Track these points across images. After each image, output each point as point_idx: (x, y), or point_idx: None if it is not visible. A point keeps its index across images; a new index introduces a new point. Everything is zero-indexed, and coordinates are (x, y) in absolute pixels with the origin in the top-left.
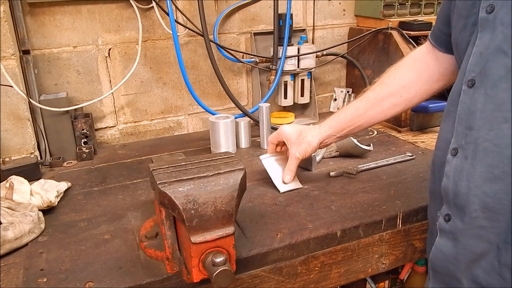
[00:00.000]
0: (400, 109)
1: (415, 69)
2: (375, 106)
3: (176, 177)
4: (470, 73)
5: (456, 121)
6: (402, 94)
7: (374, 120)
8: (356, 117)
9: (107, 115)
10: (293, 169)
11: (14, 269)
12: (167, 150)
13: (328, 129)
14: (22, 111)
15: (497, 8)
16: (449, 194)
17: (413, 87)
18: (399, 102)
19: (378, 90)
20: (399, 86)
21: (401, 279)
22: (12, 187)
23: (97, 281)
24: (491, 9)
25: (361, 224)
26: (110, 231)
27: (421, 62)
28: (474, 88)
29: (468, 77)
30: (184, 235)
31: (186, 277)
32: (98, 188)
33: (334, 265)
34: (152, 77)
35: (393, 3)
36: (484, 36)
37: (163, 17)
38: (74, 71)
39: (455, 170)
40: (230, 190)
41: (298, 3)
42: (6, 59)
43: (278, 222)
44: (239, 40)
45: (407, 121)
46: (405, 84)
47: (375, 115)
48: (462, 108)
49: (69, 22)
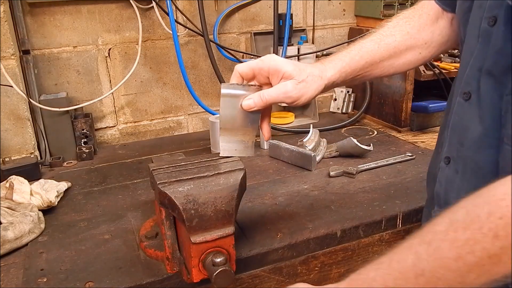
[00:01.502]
0: (410, 67)
1: (437, 26)
2: (393, 57)
3: (176, 177)
4: (466, 85)
5: (450, 131)
6: (421, 51)
7: (384, 73)
8: (370, 65)
9: (107, 115)
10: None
11: (14, 269)
12: (167, 150)
13: (337, 74)
14: (22, 111)
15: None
16: (440, 199)
17: (432, 46)
18: (415, 60)
19: (399, 38)
20: (422, 42)
21: None
22: (12, 187)
23: (97, 281)
24: (493, 21)
25: (361, 224)
26: (110, 231)
27: (441, 20)
28: (469, 103)
29: (464, 88)
30: (184, 235)
31: (186, 277)
32: (98, 188)
33: (334, 265)
34: (152, 77)
35: (393, 3)
36: (484, 49)
37: (163, 17)
38: (74, 71)
39: (447, 180)
40: (230, 190)
41: (298, 3)
42: (6, 59)
43: (278, 222)
44: (239, 40)
45: (407, 121)
46: (427, 41)
47: (387, 68)
48: (455, 120)
49: (69, 22)
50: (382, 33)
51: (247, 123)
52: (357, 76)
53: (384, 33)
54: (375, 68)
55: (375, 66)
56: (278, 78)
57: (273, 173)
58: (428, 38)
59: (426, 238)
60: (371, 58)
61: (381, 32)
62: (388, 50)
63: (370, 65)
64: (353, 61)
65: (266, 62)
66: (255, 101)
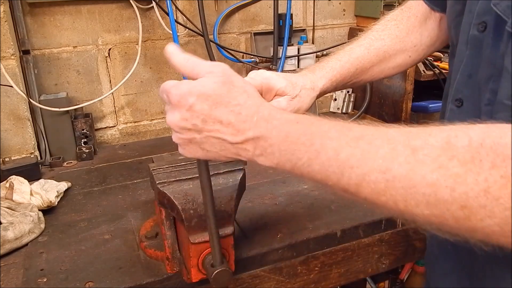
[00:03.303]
0: (400, 70)
1: (425, 27)
2: (383, 62)
3: (175, 177)
4: (457, 92)
5: None
6: (411, 54)
7: (374, 78)
8: (360, 71)
9: (107, 115)
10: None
11: (14, 269)
12: (167, 150)
13: (328, 83)
14: (22, 111)
15: (488, 29)
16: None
17: (421, 49)
18: (405, 63)
19: (389, 42)
20: (411, 45)
21: (401, 279)
22: (12, 187)
23: (97, 281)
24: (483, 28)
25: (361, 224)
26: (110, 231)
27: (429, 21)
28: (461, 110)
29: (455, 95)
30: (183, 235)
31: (186, 277)
32: (98, 188)
33: (334, 265)
34: (152, 77)
35: (393, 3)
36: (472, 56)
37: (163, 17)
38: (74, 71)
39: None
40: (230, 190)
41: (298, 3)
42: (6, 59)
43: (278, 222)
44: (239, 40)
45: (407, 121)
46: (416, 44)
47: (377, 73)
48: None
49: (69, 22)
50: (371, 37)
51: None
52: (348, 83)
53: (373, 37)
54: (365, 74)
55: (365, 71)
56: (271, 95)
57: (273, 173)
58: (417, 41)
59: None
60: (361, 65)
61: (370, 37)
62: (378, 55)
63: (360, 71)
64: (344, 69)
65: (258, 80)
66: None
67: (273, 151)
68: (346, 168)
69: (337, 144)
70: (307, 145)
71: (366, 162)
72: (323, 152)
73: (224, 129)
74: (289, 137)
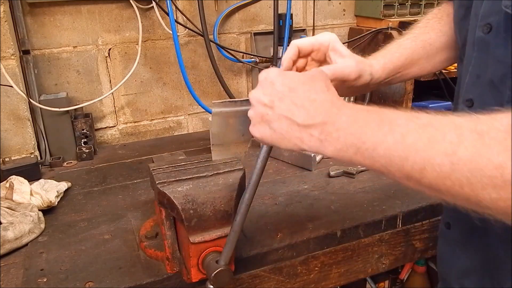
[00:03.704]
0: (444, 65)
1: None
2: (430, 55)
3: (175, 177)
4: (467, 93)
5: None
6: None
7: (422, 71)
8: (409, 61)
9: (107, 115)
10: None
11: (14, 269)
12: (167, 150)
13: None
14: (22, 111)
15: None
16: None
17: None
18: (450, 57)
19: (434, 36)
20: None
21: (401, 279)
22: (12, 187)
23: (97, 281)
24: (488, 29)
25: (361, 224)
26: (110, 231)
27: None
28: (472, 109)
29: (466, 96)
30: (183, 235)
31: (186, 277)
32: (98, 188)
33: (334, 265)
34: (152, 77)
35: (393, 3)
36: (480, 57)
37: (163, 17)
38: (74, 71)
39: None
40: (229, 190)
41: (298, 3)
42: (6, 59)
43: (278, 222)
44: (239, 40)
45: None
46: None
47: (424, 65)
48: None
49: (69, 22)
50: (415, 32)
51: (240, 136)
52: (397, 75)
53: (418, 32)
54: (414, 66)
55: (414, 63)
56: (336, 55)
57: (273, 173)
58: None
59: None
60: (410, 55)
61: (414, 32)
62: (425, 47)
63: (409, 62)
64: (394, 58)
65: (327, 39)
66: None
67: (339, 135)
68: (412, 151)
69: (405, 129)
70: (374, 130)
71: (432, 146)
72: (390, 136)
73: (296, 111)
74: (357, 122)
